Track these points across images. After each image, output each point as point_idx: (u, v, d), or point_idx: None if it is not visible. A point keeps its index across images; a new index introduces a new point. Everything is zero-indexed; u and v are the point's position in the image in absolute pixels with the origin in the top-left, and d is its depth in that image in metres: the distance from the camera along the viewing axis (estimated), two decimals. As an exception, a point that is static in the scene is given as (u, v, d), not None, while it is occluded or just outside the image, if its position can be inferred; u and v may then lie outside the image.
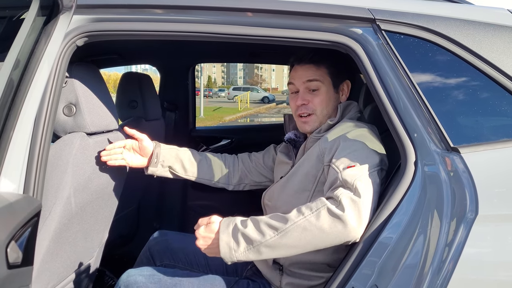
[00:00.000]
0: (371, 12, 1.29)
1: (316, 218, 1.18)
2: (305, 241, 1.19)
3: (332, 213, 1.17)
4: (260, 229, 1.22)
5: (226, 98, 37.87)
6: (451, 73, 1.24)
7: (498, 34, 1.24)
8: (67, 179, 1.44)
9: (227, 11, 1.35)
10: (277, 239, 1.19)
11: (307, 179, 1.48)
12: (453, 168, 1.13)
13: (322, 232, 1.17)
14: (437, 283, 1.05)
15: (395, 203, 1.19)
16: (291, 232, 1.19)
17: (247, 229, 1.22)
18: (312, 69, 1.55)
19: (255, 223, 1.23)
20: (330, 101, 1.56)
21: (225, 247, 1.23)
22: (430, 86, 1.23)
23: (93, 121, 1.55)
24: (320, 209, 1.18)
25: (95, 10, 1.33)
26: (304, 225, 1.18)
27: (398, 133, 1.24)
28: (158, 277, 1.48)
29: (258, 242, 1.21)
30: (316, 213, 1.18)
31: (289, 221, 1.20)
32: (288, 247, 1.20)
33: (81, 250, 1.72)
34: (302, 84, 1.56)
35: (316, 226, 1.17)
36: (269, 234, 1.20)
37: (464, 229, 1.04)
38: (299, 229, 1.18)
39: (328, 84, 1.55)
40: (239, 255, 1.22)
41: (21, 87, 1.11)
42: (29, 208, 1.02)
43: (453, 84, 1.24)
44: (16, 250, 0.91)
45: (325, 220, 1.17)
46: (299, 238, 1.18)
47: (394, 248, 1.15)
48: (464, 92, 1.23)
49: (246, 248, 1.21)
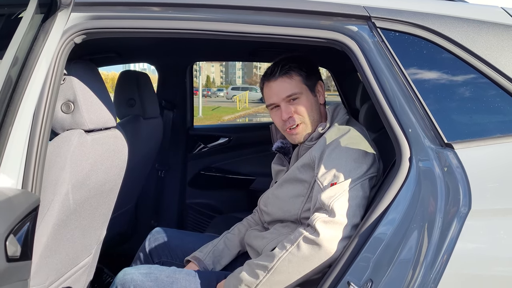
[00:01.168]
0: (366, 9, 1.30)
1: (297, 249, 1.28)
2: (294, 273, 1.29)
3: (308, 240, 1.26)
4: (253, 272, 1.34)
5: (224, 98, 37.90)
6: (446, 70, 1.26)
7: (492, 32, 1.26)
8: (65, 176, 1.45)
9: (224, 9, 1.36)
10: (270, 277, 1.30)
11: (301, 185, 1.51)
12: (447, 163, 1.14)
13: (305, 260, 1.27)
14: (430, 277, 1.06)
15: (390, 198, 1.20)
16: (279, 268, 1.29)
17: (242, 275, 1.35)
18: (287, 81, 1.56)
19: (248, 268, 1.36)
20: (312, 105, 1.57)
21: None
22: (424, 83, 1.24)
23: (91, 119, 1.56)
24: (299, 239, 1.28)
25: (93, 7, 1.34)
26: (288, 258, 1.28)
27: (393, 129, 1.25)
28: (155, 275, 1.49)
29: (255, 284, 1.32)
30: (296, 245, 1.28)
31: (274, 258, 1.30)
32: (282, 282, 1.31)
33: (79, 246, 1.73)
34: (282, 100, 1.56)
35: (298, 256, 1.27)
36: (261, 274, 1.31)
37: (457, 224, 1.06)
38: (285, 263, 1.29)
39: (306, 90, 1.57)
40: None
41: (20, 84, 1.12)
42: (27, 202, 1.03)
43: (447, 81, 1.25)
44: (14, 244, 0.92)
45: (305, 248, 1.27)
46: (287, 271, 1.29)
47: (388, 243, 1.17)
48: (458, 89, 1.25)
49: None
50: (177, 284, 1.47)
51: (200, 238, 1.84)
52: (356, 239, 1.21)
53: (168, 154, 3.03)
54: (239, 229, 1.76)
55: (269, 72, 1.59)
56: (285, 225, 1.54)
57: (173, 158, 3.07)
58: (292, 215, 1.50)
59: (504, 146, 1.16)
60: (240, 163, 3.18)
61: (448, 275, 1.05)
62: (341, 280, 1.20)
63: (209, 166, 3.18)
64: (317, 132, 1.54)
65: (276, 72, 1.56)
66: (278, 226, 1.56)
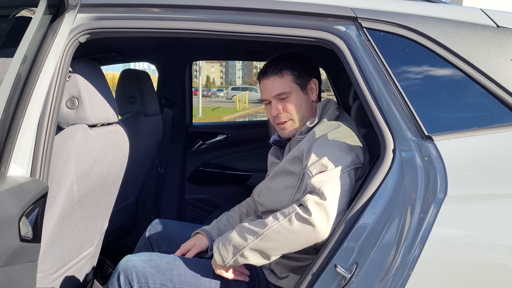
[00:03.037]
0: (353, 11, 1.38)
1: (288, 223, 1.34)
2: (281, 243, 1.37)
3: (301, 217, 1.33)
4: (243, 235, 1.41)
5: (224, 98, 37.87)
6: (427, 68, 1.34)
7: (470, 31, 1.34)
8: (70, 167, 1.53)
9: (220, 10, 1.43)
10: (257, 242, 1.38)
11: (292, 177, 1.59)
12: (427, 154, 1.22)
13: (294, 234, 1.34)
14: (408, 259, 1.14)
15: (375, 186, 1.28)
16: (268, 236, 1.36)
17: (232, 235, 1.43)
18: (278, 80, 1.64)
19: (238, 230, 1.44)
20: (302, 103, 1.65)
21: (218, 257, 1.46)
22: (407, 79, 1.33)
23: (94, 114, 1.63)
24: (291, 214, 1.35)
25: (97, 8, 1.41)
26: (278, 229, 1.35)
27: (378, 123, 1.33)
28: (156, 262, 1.57)
29: (242, 246, 1.40)
30: (288, 218, 1.35)
31: (266, 226, 1.37)
32: (267, 250, 1.38)
33: (83, 236, 1.80)
34: (273, 97, 1.65)
35: (288, 229, 1.34)
36: (250, 238, 1.39)
37: (434, 209, 1.14)
38: (274, 233, 1.36)
39: (296, 89, 1.65)
40: (230, 261, 1.44)
41: (29, 80, 1.19)
42: (37, 189, 1.12)
43: (428, 77, 1.33)
44: (27, 225, 1.00)
45: (295, 224, 1.33)
46: (274, 240, 1.36)
47: (373, 228, 1.25)
48: (438, 85, 1.32)
49: (233, 254, 1.42)
50: (176, 270, 1.54)
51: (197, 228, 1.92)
52: (343, 225, 1.29)
53: (168, 151, 3.09)
54: (240, 209, 1.87)
55: (263, 70, 1.68)
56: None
57: (172, 154, 3.13)
58: (284, 205, 1.58)
59: (479, 138, 1.24)
60: (238, 160, 3.25)
61: (424, 259, 1.13)
62: (329, 263, 1.28)
63: (208, 162, 3.25)
64: (306, 126, 1.62)
65: (269, 71, 1.65)
66: (271, 216, 1.64)
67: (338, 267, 1.25)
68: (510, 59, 1.30)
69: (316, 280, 1.28)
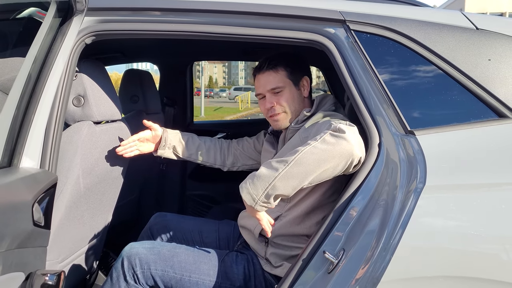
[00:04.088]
0: (342, 14, 1.47)
1: (321, 143, 1.30)
2: (314, 165, 1.29)
3: (335, 135, 1.31)
4: (272, 167, 1.32)
5: (227, 98, 37.90)
6: (410, 67, 1.42)
7: (451, 33, 1.42)
8: (76, 162, 1.61)
9: (219, 13, 1.52)
10: (289, 169, 1.29)
11: None
12: (409, 147, 1.31)
13: (328, 151, 1.28)
14: (390, 245, 1.23)
15: (362, 177, 1.36)
16: (300, 159, 1.29)
17: (260, 171, 1.34)
18: (272, 75, 1.74)
19: (267, 165, 1.35)
20: (294, 98, 1.74)
21: (247, 196, 1.36)
22: (391, 78, 1.41)
23: (99, 111, 1.71)
24: (323, 136, 1.31)
25: (102, 12, 1.50)
26: (311, 151, 1.29)
27: (365, 118, 1.42)
28: (158, 250, 1.66)
29: (272, 177, 1.30)
30: (320, 139, 1.31)
31: (297, 152, 1.30)
32: (299, 175, 1.30)
33: (88, 228, 1.89)
34: (267, 92, 1.75)
35: (321, 148, 1.29)
36: (281, 167, 1.30)
37: (414, 197, 1.23)
38: (307, 154, 1.29)
39: (289, 84, 1.74)
40: (261, 197, 1.33)
41: (40, 79, 1.28)
42: (48, 179, 1.21)
43: (411, 76, 1.42)
44: (39, 211, 1.10)
45: (330, 141, 1.30)
46: (307, 163, 1.29)
47: (359, 217, 1.33)
48: (420, 84, 1.41)
49: (263, 188, 1.32)
50: (177, 258, 1.64)
51: (197, 221, 2.00)
52: (332, 214, 1.38)
53: (170, 148, 3.17)
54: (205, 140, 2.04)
55: (258, 66, 1.78)
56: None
57: (174, 152, 3.22)
58: None
59: (457, 133, 1.33)
60: (237, 157, 3.33)
61: (403, 243, 1.22)
62: (318, 250, 1.36)
63: (208, 159, 3.33)
64: (302, 114, 1.69)
65: (264, 66, 1.74)
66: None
67: (327, 253, 1.33)
68: (488, 59, 1.39)
69: (307, 265, 1.36)
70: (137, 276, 1.60)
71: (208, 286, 1.61)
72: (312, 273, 1.34)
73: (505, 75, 1.38)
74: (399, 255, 1.21)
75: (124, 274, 1.60)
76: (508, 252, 1.23)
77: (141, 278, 1.60)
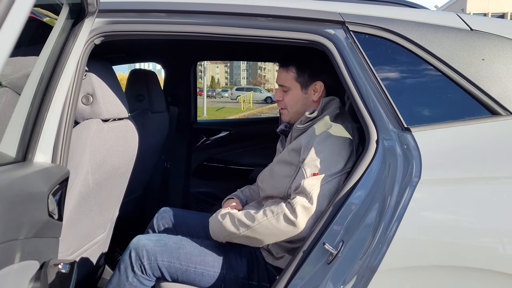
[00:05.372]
0: (341, 15, 1.53)
1: (275, 221, 1.55)
2: (268, 237, 1.59)
3: (287, 219, 1.53)
4: (236, 225, 1.62)
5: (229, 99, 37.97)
6: (407, 67, 1.48)
7: (446, 34, 1.48)
8: (85, 158, 1.67)
9: (222, 15, 1.58)
10: (248, 233, 1.60)
11: (290, 167, 1.72)
12: (406, 143, 1.37)
13: (279, 231, 1.55)
14: (386, 237, 1.28)
15: (361, 172, 1.42)
16: (257, 229, 1.58)
17: (225, 222, 1.65)
18: (283, 73, 1.82)
19: (232, 220, 1.64)
20: (298, 101, 1.81)
21: (212, 232, 1.72)
22: (389, 77, 1.47)
23: (107, 109, 1.76)
24: (279, 214, 1.55)
25: (111, 14, 1.56)
26: (266, 225, 1.56)
27: (364, 116, 1.48)
28: (164, 242, 1.72)
29: (232, 236, 1.64)
30: (276, 217, 1.55)
31: (256, 221, 1.58)
32: (256, 240, 1.61)
33: (96, 223, 1.95)
34: (279, 85, 1.84)
35: (275, 227, 1.55)
36: (242, 230, 1.61)
37: (410, 191, 1.29)
38: (263, 228, 1.57)
39: (296, 87, 1.80)
40: (222, 241, 1.71)
41: (53, 78, 1.32)
42: (61, 172, 1.27)
43: (408, 75, 1.48)
44: (53, 203, 1.16)
45: (282, 223, 1.54)
46: (263, 234, 1.58)
47: (357, 210, 1.39)
48: (417, 82, 1.47)
49: (225, 238, 1.68)
50: (183, 249, 1.70)
51: (201, 216, 2.06)
52: (331, 208, 1.44)
53: (174, 146, 3.22)
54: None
55: (283, 60, 1.85)
56: (274, 201, 1.75)
57: (178, 150, 3.26)
58: (281, 192, 1.73)
59: (452, 130, 1.39)
60: (240, 155, 3.39)
61: (399, 235, 1.27)
62: (318, 242, 1.42)
63: (212, 157, 3.39)
64: (305, 116, 1.75)
65: (283, 62, 1.83)
66: (269, 203, 1.78)
67: (326, 244, 1.38)
68: (482, 59, 1.45)
69: (307, 257, 1.42)
70: (144, 267, 1.66)
71: (213, 277, 1.67)
72: (313, 264, 1.40)
73: (498, 74, 1.44)
74: (395, 246, 1.27)
75: (131, 265, 1.66)
76: (498, 243, 1.29)
77: (148, 269, 1.66)
